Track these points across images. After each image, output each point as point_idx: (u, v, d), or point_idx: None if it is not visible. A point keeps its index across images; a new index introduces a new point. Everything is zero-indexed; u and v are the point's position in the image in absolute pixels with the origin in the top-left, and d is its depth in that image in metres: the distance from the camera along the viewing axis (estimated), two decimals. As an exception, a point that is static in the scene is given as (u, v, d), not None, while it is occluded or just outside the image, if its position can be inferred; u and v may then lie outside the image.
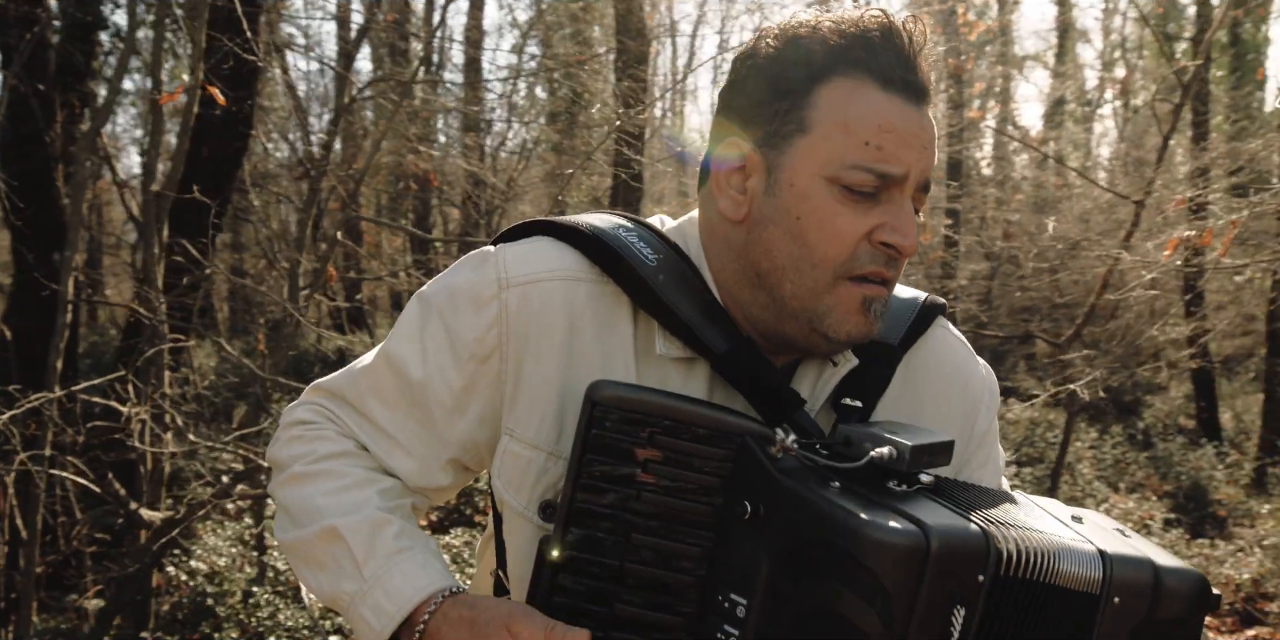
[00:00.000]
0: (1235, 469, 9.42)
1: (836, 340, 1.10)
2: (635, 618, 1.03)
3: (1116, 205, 9.82)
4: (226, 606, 4.59)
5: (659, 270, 1.12)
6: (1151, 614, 0.97)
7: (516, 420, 1.14)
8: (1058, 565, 0.93)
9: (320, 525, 1.15)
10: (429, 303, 1.19)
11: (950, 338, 1.29)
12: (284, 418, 1.29)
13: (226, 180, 5.83)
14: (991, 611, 0.89)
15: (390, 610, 1.09)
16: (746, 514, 0.97)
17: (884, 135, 1.05)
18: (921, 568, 0.85)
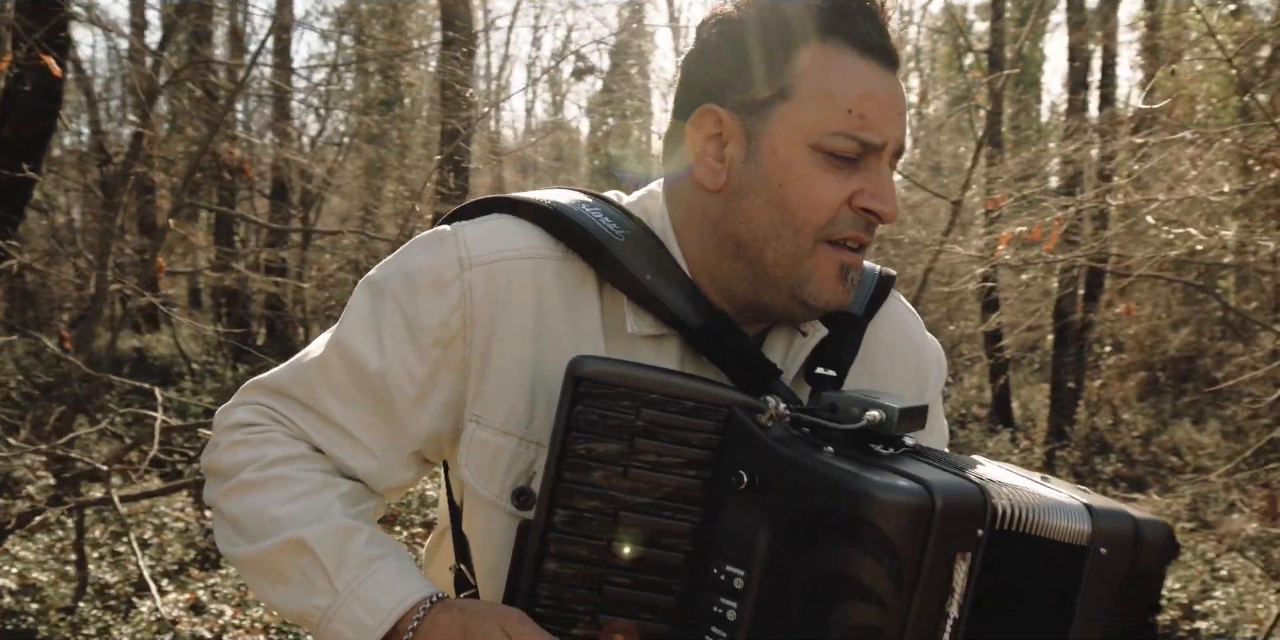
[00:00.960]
0: (1028, 453, 10.15)
1: (815, 307, 1.09)
2: (625, 598, 1.02)
3: (918, 205, 10.38)
4: (48, 625, 4.25)
5: (626, 245, 1.09)
6: (1134, 566, 1.00)
7: (484, 407, 1.09)
8: (1048, 519, 0.96)
9: (283, 536, 1.06)
10: (381, 288, 1.12)
11: (903, 309, 1.30)
12: (220, 420, 1.19)
13: (33, 162, 5.39)
14: (990, 565, 0.92)
15: (371, 624, 1.02)
16: (742, 483, 0.97)
17: (866, 103, 1.05)
18: (928, 524, 0.88)
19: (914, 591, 0.88)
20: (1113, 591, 1.00)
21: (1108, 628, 1.01)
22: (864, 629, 0.89)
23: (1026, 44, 15.52)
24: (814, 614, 0.91)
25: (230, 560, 1.15)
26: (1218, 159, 4.50)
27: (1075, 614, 0.99)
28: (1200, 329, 12.26)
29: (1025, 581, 0.97)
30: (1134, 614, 1.04)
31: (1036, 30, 13.80)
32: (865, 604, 0.88)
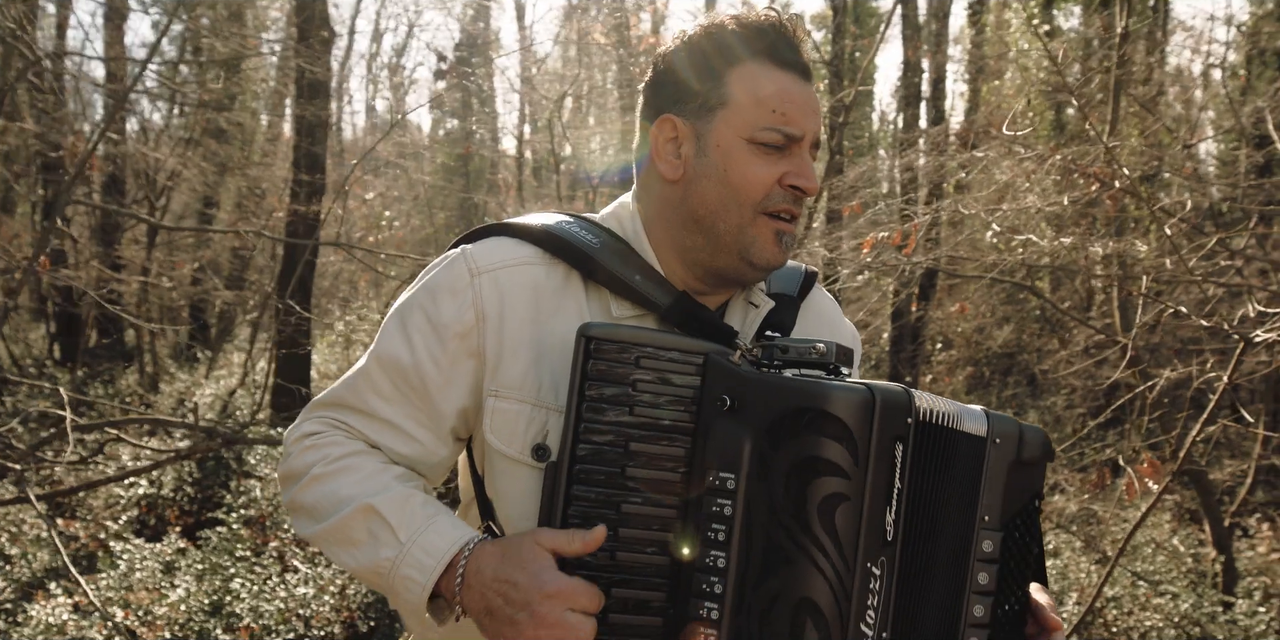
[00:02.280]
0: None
1: (759, 266, 1.35)
2: (639, 513, 1.23)
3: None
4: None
5: (601, 250, 1.37)
6: (1019, 455, 1.31)
7: (500, 382, 1.32)
8: (958, 417, 1.26)
9: (355, 506, 1.27)
10: (409, 303, 1.38)
11: (826, 296, 1.60)
12: (289, 436, 1.41)
13: None
14: (919, 447, 1.21)
15: (430, 564, 1.22)
16: (725, 406, 1.20)
17: (786, 105, 1.33)
18: (872, 413, 1.15)
19: (868, 465, 1.15)
20: (1005, 474, 1.31)
21: (1005, 503, 1.31)
22: (836, 496, 1.14)
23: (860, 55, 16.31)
24: (796, 491, 1.15)
25: (309, 540, 1.36)
26: (1048, 174, 4.95)
27: (981, 488, 1.29)
28: (1021, 327, 13.17)
29: (945, 463, 1.26)
30: (1023, 495, 1.33)
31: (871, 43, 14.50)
32: (834, 477, 1.15)
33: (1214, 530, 6.93)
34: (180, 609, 4.50)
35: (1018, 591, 1.33)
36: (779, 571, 1.16)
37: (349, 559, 1.29)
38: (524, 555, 1.18)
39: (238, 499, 6.70)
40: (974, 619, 1.28)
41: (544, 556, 1.18)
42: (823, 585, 1.15)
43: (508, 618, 1.17)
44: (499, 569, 1.19)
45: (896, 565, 1.20)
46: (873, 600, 1.17)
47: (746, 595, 1.17)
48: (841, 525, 1.15)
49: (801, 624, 1.15)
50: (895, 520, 1.19)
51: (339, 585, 5.08)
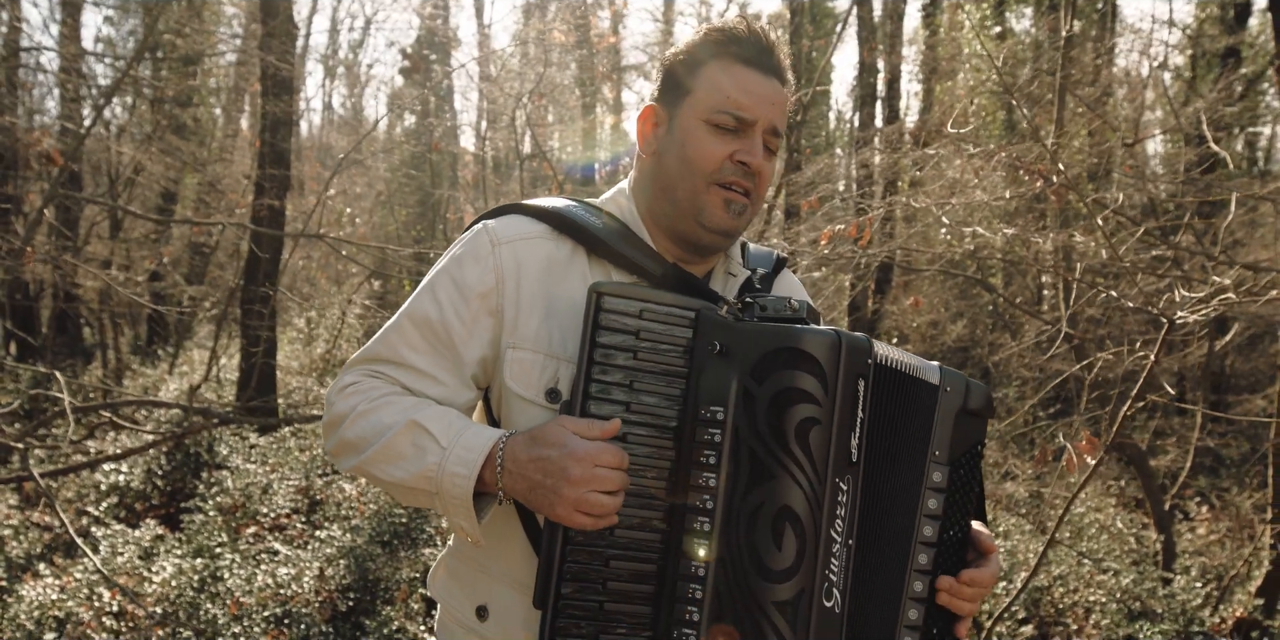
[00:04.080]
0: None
1: (711, 228, 1.57)
2: (641, 442, 1.43)
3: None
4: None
5: (603, 230, 1.60)
6: (965, 403, 1.55)
7: (518, 336, 1.53)
8: (913, 367, 1.51)
9: (403, 422, 1.46)
10: (438, 271, 1.59)
11: (795, 279, 1.84)
12: (332, 389, 1.60)
13: None
14: (878, 385, 1.44)
15: (472, 458, 1.42)
16: (716, 350, 1.42)
17: (741, 94, 1.55)
18: (839, 351, 1.39)
19: (836, 395, 1.38)
20: (953, 418, 1.55)
21: (953, 443, 1.55)
22: (809, 420, 1.37)
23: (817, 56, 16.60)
24: (776, 417, 1.37)
25: (355, 471, 1.54)
26: (994, 170, 5.21)
27: (934, 427, 1.53)
28: (974, 322, 13.54)
29: (902, 403, 1.50)
30: (968, 440, 1.57)
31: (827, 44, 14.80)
32: (808, 404, 1.37)
33: (1155, 512, 7.25)
34: (171, 585, 4.62)
35: (961, 521, 1.56)
36: (762, 485, 1.37)
37: (398, 472, 1.46)
38: (551, 436, 1.38)
39: (210, 489, 6.80)
40: (924, 537, 1.51)
41: (568, 434, 1.38)
42: (800, 495, 1.36)
43: (548, 487, 1.36)
44: (531, 450, 1.38)
45: (860, 484, 1.43)
46: (841, 511, 1.40)
47: (735, 507, 1.38)
48: (815, 445, 1.37)
49: (782, 528, 1.36)
50: (859, 445, 1.42)
51: (317, 568, 5.21)
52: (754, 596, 1.36)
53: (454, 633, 1.64)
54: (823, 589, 1.38)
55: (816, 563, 1.38)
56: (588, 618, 1.40)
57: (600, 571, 1.40)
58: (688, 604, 1.39)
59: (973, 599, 1.51)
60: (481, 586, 1.59)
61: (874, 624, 1.47)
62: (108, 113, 13.15)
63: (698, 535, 1.39)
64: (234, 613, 4.46)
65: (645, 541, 1.42)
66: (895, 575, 1.49)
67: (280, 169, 8.79)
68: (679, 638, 1.39)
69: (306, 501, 6.94)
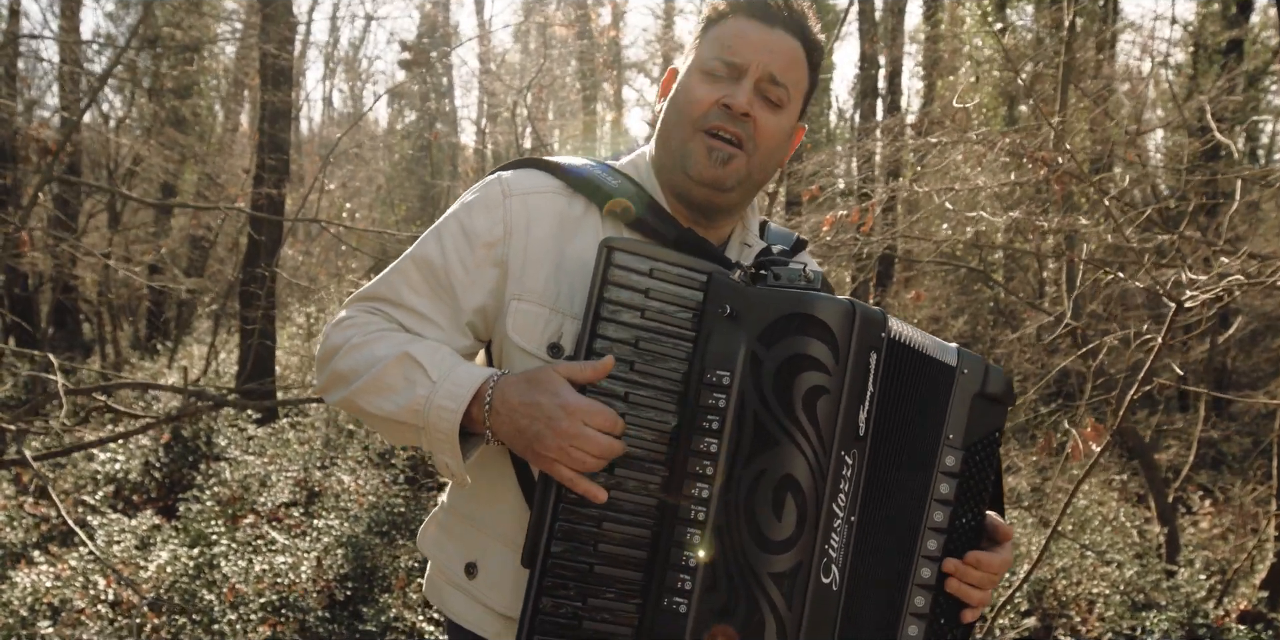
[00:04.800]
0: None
1: (695, 178, 1.51)
2: (644, 402, 1.38)
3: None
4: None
5: (619, 189, 1.55)
6: (983, 387, 1.50)
7: (524, 288, 1.49)
8: (929, 346, 1.46)
9: (395, 354, 1.43)
10: (447, 217, 1.56)
11: (813, 262, 1.79)
12: (329, 323, 1.57)
13: None
14: (890, 360, 1.39)
15: (461, 393, 1.38)
16: (726, 313, 1.37)
17: (737, 41, 1.51)
18: (853, 321, 1.34)
19: (847, 365, 1.34)
20: (969, 401, 1.50)
21: (968, 427, 1.49)
22: (818, 388, 1.33)
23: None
24: (784, 383, 1.33)
25: (342, 403, 1.51)
26: (999, 157, 5.17)
27: (949, 409, 1.48)
28: (975, 317, 13.49)
29: (915, 381, 1.45)
30: (986, 426, 1.51)
31: (829, 38, 14.76)
32: (817, 372, 1.33)
33: (1158, 504, 7.21)
34: (167, 571, 4.59)
35: (975, 509, 1.50)
36: (765, 452, 1.33)
37: (386, 404, 1.43)
38: (544, 381, 1.34)
39: (208, 480, 6.77)
40: (934, 523, 1.46)
41: (561, 382, 1.34)
42: (803, 464, 1.32)
43: (534, 433, 1.33)
44: (524, 394, 1.35)
45: (866, 460, 1.38)
46: (844, 486, 1.35)
47: (735, 473, 1.34)
48: (822, 414, 1.33)
49: (783, 498, 1.32)
50: (867, 419, 1.37)
51: (314, 557, 5.18)
52: (750, 566, 1.31)
53: (442, 590, 1.60)
54: (821, 564, 1.34)
55: (816, 536, 1.33)
56: (576, 579, 1.35)
57: (592, 533, 1.36)
58: (680, 572, 1.34)
59: (982, 585, 1.46)
60: (472, 543, 1.55)
61: (873, 607, 1.42)
62: (106, 106, 13.12)
63: (695, 501, 1.35)
64: (230, 600, 4.42)
65: (641, 505, 1.37)
66: (900, 559, 1.44)
67: (279, 159, 8.75)
68: (670, 605, 1.34)
69: (304, 493, 6.91)
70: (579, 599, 1.36)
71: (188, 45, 10.15)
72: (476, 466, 1.49)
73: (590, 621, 1.35)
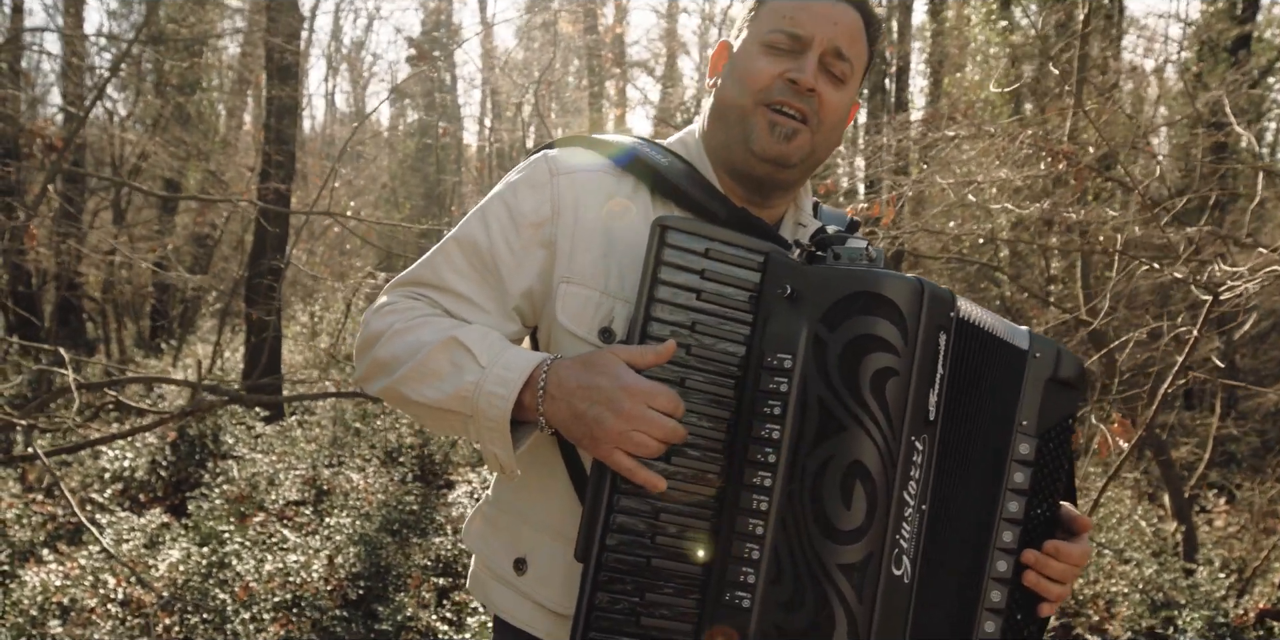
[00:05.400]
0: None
1: (758, 155, 1.45)
2: (700, 387, 1.32)
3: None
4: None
5: (669, 169, 1.49)
6: (1056, 372, 1.44)
7: (573, 270, 1.43)
8: (999, 328, 1.40)
9: (441, 339, 1.36)
10: (492, 198, 1.50)
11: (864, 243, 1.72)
12: (369, 310, 1.50)
13: None
14: (960, 341, 1.33)
15: (512, 378, 1.31)
16: (786, 293, 1.31)
17: (800, 13, 1.45)
18: (921, 299, 1.28)
19: (916, 346, 1.27)
20: (1042, 387, 1.44)
21: (1041, 414, 1.43)
22: (886, 370, 1.26)
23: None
24: (850, 365, 1.26)
25: (384, 392, 1.44)
26: (1020, 149, 5.10)
27: (1021, 395, 1.42)
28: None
29: (985, 364, 1.38)
30: (1058, 412, 1.45)
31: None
32: (886, 353, 1.26)
33: (1174, 502, 7.14)
34: (179, 570, 4.52)
35: (1049, 499, 1.44)
36: (832, 438, 1.26)
37: (431, 392, 1.36)
38: (602, 364, 1.28)
39: (216, 479, 6.70)
40: (1009, 514, 1.40)
41: (619, 364, 1.27)
42: (872, 450, 1.25)
43: (593, 418, 1.26)
44: (581, 377, 1.28)
45: (936, 445, 1.31)
46: (915, 473, 1.28)
47: (799, 461, 1.27)
48: (891, 397, 1.26)
49: (852, 485, 1.25)
50: (937, 402, 1.30)
51: (326, 556, 5.11)
52: (818, 558, 1.25)
53: (487, 586, 1.53)
54: (892, 555, 1.27)
55: (887, 526, 1.26)
56: (633, 574, 1.29)
57: (650, 525, 1.29)
58: (743, 564, 1.28)
59: (1062, 578, 1.39)
60: (521, 538, 1.48)
61: (945, 601, 1.35)
62: (111, 103, 13.05)
63: (757, 491, 1.28)
64: (243, 599, 4.36)
65: (700, 495, 1.31)
66: (973, 551, 1.38)
67: (285, 154, 8.69)
68: (732, 600, 1.28)
69: (313, 491, 6.85)
70: (636, 594, 1.29)
71: (194, 37, 10.09)
72: (524, 458, 1.41)
73: (648, 617, 1.29)
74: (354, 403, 10.01)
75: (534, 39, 18.00)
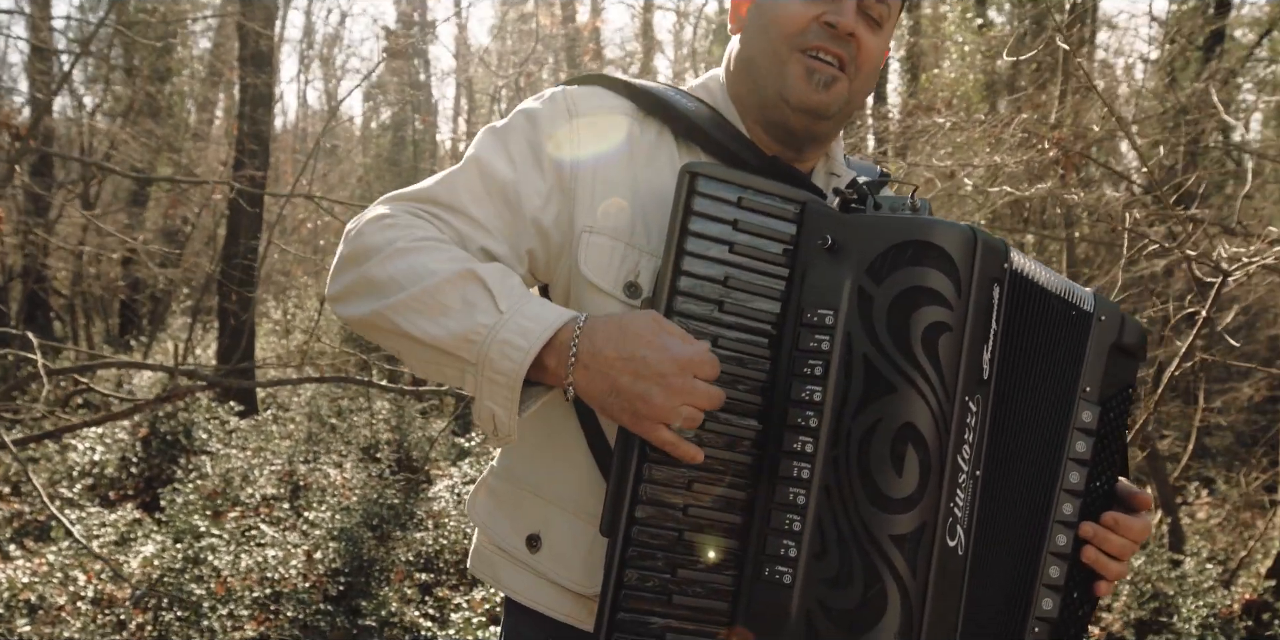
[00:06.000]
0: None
1: (795, 105, 1.33)
2: (733, 347, 1.21)
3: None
4: None
5: (695, 112, 1.37)
6: (1120, 338, 1.34)
7: (596, 220, 1.30)
8: (1059, 284, 1.29)
9: (456, 270, 1.20)
10: (507, 126, 1.35)
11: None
12: (358, 219, 1.31)
13: None
14: (1014, 296, 1.22)
15: (536, 331, 1.16)
16: (827, 244, 1.20)
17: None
18: (974, 248, 1.17)
19: (969, 298, 1.17)
20: (1106, 352, 1.34)
21: (1105, 382, 1.34)
22: (938, 325, 1.15)
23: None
24: (899, 320, 1.15)
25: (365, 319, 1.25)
26: (1014, 135, 5.04)
27: (1085, 359, 1.32)
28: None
29: (1043, 326, 1.28)
30: (1120, 380, 1.36)
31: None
32: (938, 306, 1.15)
33: (1161, 493, 7.12)
34: (153, 564, 4.37)
35: (1109, 472, 1.34)
36: (880, 399, 1.16)
37: (433, 328, 1.19)
38: (645, 332, 1.15)
39: (189, 474, 6.55)
40: (1070, 485, 1.30)
41: (664, 333, 1.15)
42: (925, 412, 1.15)
43: (638, 393, 1.13)
44: (622, 347, 1.15)
45: (989, 407, 1.21)
46: (969, 436, 1.18)
47: (844, 425, 1.17)
48: (944, 354, 1.16)
49: (903, 450, 1.14)
50: (991, 360, 1.20)
51: (304, 552, 4.98)
52: (867, 528, 1.14)
53: (494, 563, 1.39)
54: (946, 524, 1.16)
55: (941, 493, 1.15)
56: (665, 549, 1.18)
57: (681, 495, 1.19)
58: (784, 537, 1.17)
59: (1120, 554, 1.29)
60: (533, 512, 1.34)
61: (1000, 576, 1.25)
62: (79, 93, 12.80)
63: (798, 457, 1.18)
64: (220, 594, 4.21)
65: (735, 464, 1.20)
66: (1032, 523, 1.28)
67: (259, 143, 8.52)
68: (772, 576, 1.17)
69: (289, 487, 6.70)
70: (667, 570, 1.18)
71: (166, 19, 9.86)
72: (530, 422, 1.27)
73: (681, 595, 1.19)
74: (329, 398, 9.85)
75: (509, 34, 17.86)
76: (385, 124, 23.44)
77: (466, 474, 6.81)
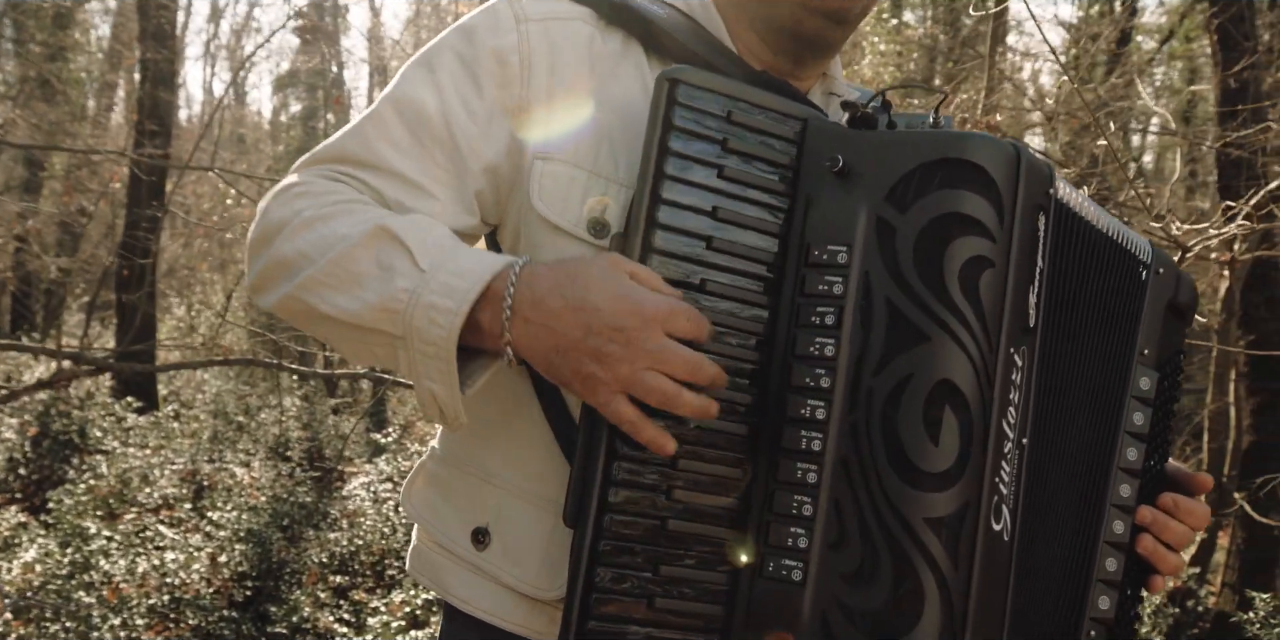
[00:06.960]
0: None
1: (815, 7, 1.11)
2: (722, 290, 0.99)
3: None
4: None
5: (669, 21, 1.14)
6: (1176, 295, 1.15)
7: (551, 144, 1.08)
8: (1111, 224, 1.10)
9: (365, 230, 0.99)
10: (435, 45, 1.13)
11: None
12: (267, 196, 1.10)
13: None
14: (1059, 230, 1.03)
15: (464, 287, 0.95)
16: (837, 166, 0.99)
17: None
18: (1017, 167, 0.97)
19: (1014, 227, 0.96)
20: (1162, 312, 1.15)
21: (1161, 344, 1.14)
22: (979, 260, 0.94)
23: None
24: (932, 254, 0.94)
25: (283, 305, 1.06)
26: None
27: (1143, 317, 1.13)
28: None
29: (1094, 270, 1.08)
30: (1172, 343, 1.17)
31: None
32: (978, 237, 0.95)
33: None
34: (35, 570, 4.00)
35: (1162, 449, 1.16)
36: (909, 351, 0.94)
37: (347, 301, 0.99)
38: (598, 275, 0.93)
39: (82, 474, 6.13)
40: (1127, 462, 1.11)
41: (622, 272, 0.93)
42: (965, 365, 0.93)
43: (591, 351, 0.91)
44: (569, 294, 0.93)
45: (1036, 361, 1.00)
46: (1014, 396, 0.97)
47: (864, 384, 0.95)
48: (986, 295, 0.94)
49: (939, 413, 0.93)
50: (1037, 305, 1.00)
51: (207, 555, 4.64)
52: (896, 510, 0.92)
53: (437, 565, 1.14)
54: (991, 504, 0.94)
55: (985, 466, 0.94)
56: (644, 541, 0.95)
57: (664, 475, 0.96)
58: (792, 524, 0.95)
59: (1179, 543, 1.09)
60: (480, 500, 1.11)
61: (1051, 567, 1.04)
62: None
63: (806, 425, 0.96)
64: (112, 601, 3.86)
65: (729, 434, 0.98)
66: (1084, 506, 1.07)
67: (160, 124, 8.07)
68: (778, 573, 0.95)
69: (192, 487, 6.32)
70: (648, 567, 0.96)
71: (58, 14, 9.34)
72: (478, 396, 1.03)
73: (665, 598, 0.96)
74: (236, 395, 9.43)
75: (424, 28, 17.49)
76: (295, 116, 22.85)
77: (383, 471, 6.50)
